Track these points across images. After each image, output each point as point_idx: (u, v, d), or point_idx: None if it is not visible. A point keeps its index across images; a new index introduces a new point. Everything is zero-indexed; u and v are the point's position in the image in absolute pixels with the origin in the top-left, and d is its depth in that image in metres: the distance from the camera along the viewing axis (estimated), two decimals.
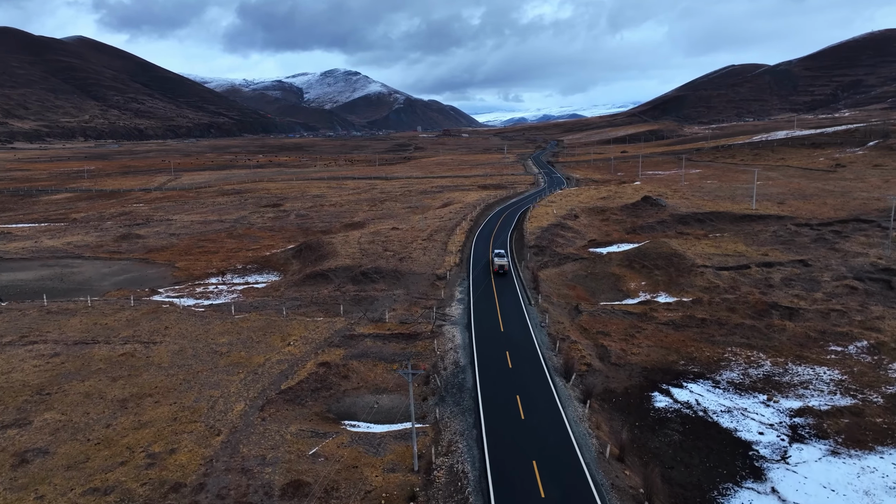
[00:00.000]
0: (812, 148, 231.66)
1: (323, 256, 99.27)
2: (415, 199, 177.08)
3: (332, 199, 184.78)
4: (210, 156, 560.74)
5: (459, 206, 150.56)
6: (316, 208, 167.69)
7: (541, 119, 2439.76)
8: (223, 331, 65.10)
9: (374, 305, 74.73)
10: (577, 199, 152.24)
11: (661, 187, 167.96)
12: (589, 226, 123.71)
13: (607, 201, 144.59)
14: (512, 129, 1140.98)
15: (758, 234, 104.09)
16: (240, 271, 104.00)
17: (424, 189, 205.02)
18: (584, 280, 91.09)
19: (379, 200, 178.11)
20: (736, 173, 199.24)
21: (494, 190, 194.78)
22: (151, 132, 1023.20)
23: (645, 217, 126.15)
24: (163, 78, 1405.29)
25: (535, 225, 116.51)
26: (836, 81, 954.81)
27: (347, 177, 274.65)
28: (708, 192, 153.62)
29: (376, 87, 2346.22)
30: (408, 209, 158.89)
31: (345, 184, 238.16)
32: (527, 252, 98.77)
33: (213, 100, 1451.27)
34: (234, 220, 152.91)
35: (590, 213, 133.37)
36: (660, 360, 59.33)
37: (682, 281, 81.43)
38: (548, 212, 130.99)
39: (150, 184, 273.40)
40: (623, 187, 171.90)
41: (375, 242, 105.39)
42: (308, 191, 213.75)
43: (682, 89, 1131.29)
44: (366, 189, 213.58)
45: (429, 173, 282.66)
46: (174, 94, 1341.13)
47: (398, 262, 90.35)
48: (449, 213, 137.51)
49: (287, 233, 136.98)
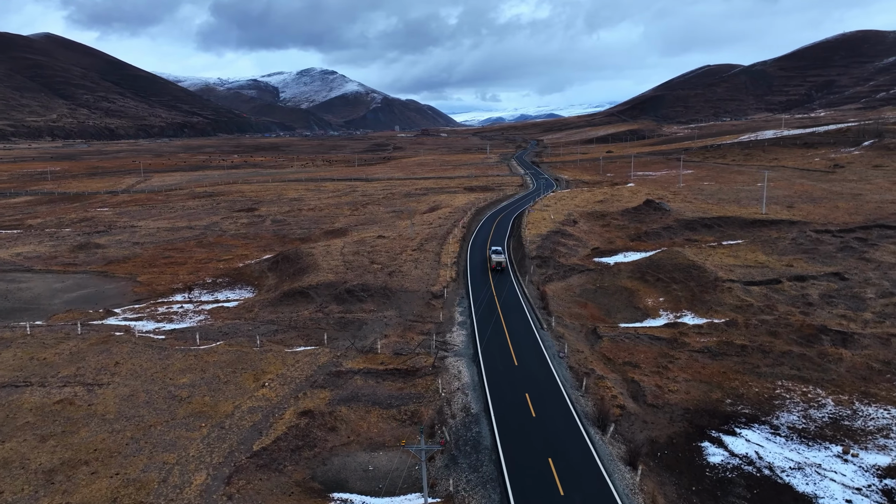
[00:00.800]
0: (805, 148, 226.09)
1: (302, 270, 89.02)
2: (399, 203, 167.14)
3: (310, 203, 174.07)
4: (183, 156, 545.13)
5: (448, 210, 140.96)
6: (294, 213, 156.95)
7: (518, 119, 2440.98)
8: (185, 367, 54.76)
9: (362, 331, 64.85)
10: (572, 202, 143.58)
11: (658, 189, 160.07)
12: (590, 232, 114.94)
13: (606, 205, 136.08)
14: (490, 129, 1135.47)
15: (776, 242, 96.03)
16: (209, 286, 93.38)
17: (408, 191, 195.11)
18: (593, 295, 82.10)
19: (361, 204, 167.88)
20: (731, 174, 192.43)
21: (482, 192, 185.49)
22: (122, 132, 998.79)
23: (649, 223, 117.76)
24: (134, 76, 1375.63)
25: (534, 232, 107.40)
26: (811, 82, 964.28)
27: (326, 178, 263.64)
28: (709, 194, 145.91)
29: (353, 87, 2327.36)
30: (392, 214, 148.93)
31: (324, 186, 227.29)
32: (529, 264, 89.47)
33: (186, 99, 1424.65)
34: (205, 226, 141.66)
35: (589, 218, 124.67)
36: (702, 398, 50.39)
37: (707, 298, 72.75)
38: (544, 217, 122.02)
39: (118, 186, 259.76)
40: (618, 190, 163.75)
41: (361, 253, 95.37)
42: (285, 193, 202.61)
43: (659, 89, 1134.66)
44: (346, 191, 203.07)
45: (411, 174, 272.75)
46: (146, 93, 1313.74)
47: (388, 278, 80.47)
48: (438, 219, 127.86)
49: (262, 241, 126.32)
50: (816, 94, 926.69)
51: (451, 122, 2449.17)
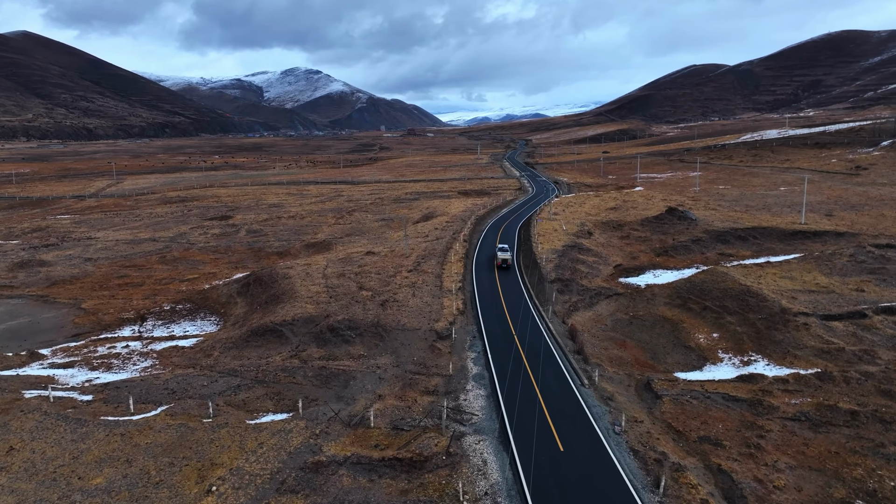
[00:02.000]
0: (817, 148, 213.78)
1: (276, 297, 73.96)
2: (389, 210, 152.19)
3: (291, 210, 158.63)
4: (162, 157, 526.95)
5: (444, 219, 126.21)
6: (272, 221, 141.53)
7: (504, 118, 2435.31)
8: (105, 455, 39.67)
9: (349, 389, 50.04)
10: (581, 209, 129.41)
11: (672, 194, 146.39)
12: (608, 245, 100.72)
13: (620, 213, 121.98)
14: (477, 129, 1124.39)
15: (832, 260, 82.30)
16: (166, 315, 78.18)
17: (398, 196, 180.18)
18: (629, 329, 67.87)
19: (347, 211, 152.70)
20: (744, 176, 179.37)
21: (478, 197, 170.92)
22: (101, 132, 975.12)
23: (674, 234, 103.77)
24: (114, 76, 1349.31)
25: (548, 247, 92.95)
26: (797, 81, 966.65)
27: (309, 181, 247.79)
28: (732, 200, 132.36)
29: (338, 86, 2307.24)
30: (382, 222, 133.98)
31: (306, 189, 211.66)
32: (549, 290, 74.93)
33: (168, 98, 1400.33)
34: (171, 237, 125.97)
35: (605, 228, 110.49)
36: (822, 499, 36.27)
37: (778, 337, 58.66)
38: (555, 228, 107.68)
39: (87, 189, 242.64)
40: (628, 195, 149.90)
41: (347, 275, 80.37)
42: (264, 198, 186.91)
43: (646, 89, 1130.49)
44: (330, 196, 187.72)
45: (399, 176, 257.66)
46: (127, 93, 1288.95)
47: (380, 310, 65.60)
48: (434, 230, 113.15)
49: (235, 255, 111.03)
50: (803, 94, 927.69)
51: (437, 121, 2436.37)
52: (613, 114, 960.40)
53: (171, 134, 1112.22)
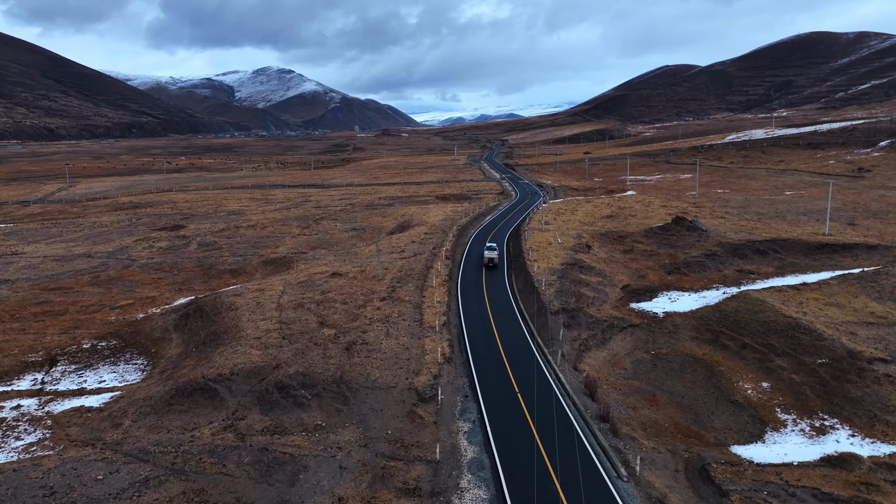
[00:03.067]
0: (810, 149, 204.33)
1: (217, 336, 59.59)
2: (361, 218, 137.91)
3: (252, 218, 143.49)
4: (125, 158, 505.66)
5: (423, 230, 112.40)
6: (229, 232, 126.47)
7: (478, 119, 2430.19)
8: None
9: (297, 487, 36.10)
10: (574, 217, 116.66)
11: (669, 199, 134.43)
12: (611, 261, 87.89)
13: (619, 222, 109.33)
14: (452, 129, 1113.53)
15: (877, 280, 70.29)
16: (83, 357, 63.41)
17: (371, 201, 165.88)
18: (655, 374, 54.95)
19: (313, 219, 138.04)
20: (740, 179, 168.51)
21: (458, 202, 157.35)
22: (64, 132, 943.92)
23: (684, 247, 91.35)
24: (79, 74, 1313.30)
25: (544, 266, 79.74)
26: (769, 82, 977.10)
27: (276, 184, 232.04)
28: (739, 207, 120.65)
29: (311, 86, 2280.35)
30: (352, 233, 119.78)
31: (272, 194, 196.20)
32: (552, 322, 61.58)
33: (135, 98, 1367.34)
34: (111, 252, 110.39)
35: (604, 240, 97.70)
36: None
37: (853, 392, 46.03)
38: (549, 241, 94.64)
39: (34, 194, 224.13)
40: (622, 200, 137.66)
41: (306, 305, 66.17)
42: (225, 204, 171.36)
43: (621, 89, 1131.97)
44: (297, 202, 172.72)
45: (373, 179, 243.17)
46: (92, 92, 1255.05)
47: (345, 358, 51.65)
48: (411, 243, 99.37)
49: (181, 274, 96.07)
50: (775, 94, 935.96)
51: (411, 121, 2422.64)
52: (589, 114, 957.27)
53: (138, 134, 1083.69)
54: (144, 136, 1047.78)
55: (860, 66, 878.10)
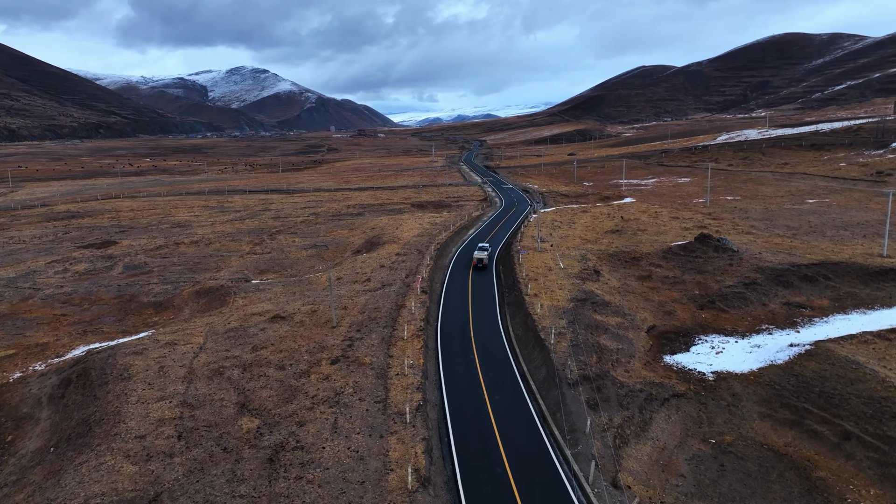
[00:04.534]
0: (814, 150, 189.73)
1: (88, 428, 40.94)
2: (323, 231, 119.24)
3: (198, 232, 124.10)
4: (86, 160, 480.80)
5: (395, 248, 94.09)
6: (167, 250, 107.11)
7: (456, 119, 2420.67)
8: None
9: None
10: (573, 232, 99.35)
11: (679, 208, 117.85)
12: (625, 291, 70.54)
13: (628, 239, 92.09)
14: (429, 129, 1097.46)
15: None
16: None
17: (338, 210, 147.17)
18: (723, 484, 37.45)
19: (269, 233, 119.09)
20: (746, 183, 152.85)
21: (436, 211, 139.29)
22: (26, 132, 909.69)
23: (714, 273, 74.37)
24: (43, 73, 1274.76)
25: (547, 303, 62.10)
26: (745, 82, 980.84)
27: (237, 189, 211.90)
28: (762, 219, 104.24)
29: (286, 86, 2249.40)
30: (311, 251, 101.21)
31: (230, 201, 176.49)
32: (571, 400, 43.83)
33: (103, 97, 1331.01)
34: (13, 278, 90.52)
35: (613, 263, 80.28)
36: None
37: None
38: (548, 264, 77.10)
39: None
40: (623, 209, 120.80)
41: (226, 372, 47.65)
42: (173, 214, 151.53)
43: (599, 89, 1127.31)
44: (255, 211, 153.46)
45: (343, 183, 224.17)
46: (57, 91, 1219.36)
47: (263, 485, 33.36)
48: (379, 268, 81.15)
49: (91, 309, 76.87)
50: (752, 95, 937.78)
51: (388, 122, 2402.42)
52: (567, 114, 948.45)
53: (105, 135, 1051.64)
54: (112, 137, 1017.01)
55: (835, 67, 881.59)
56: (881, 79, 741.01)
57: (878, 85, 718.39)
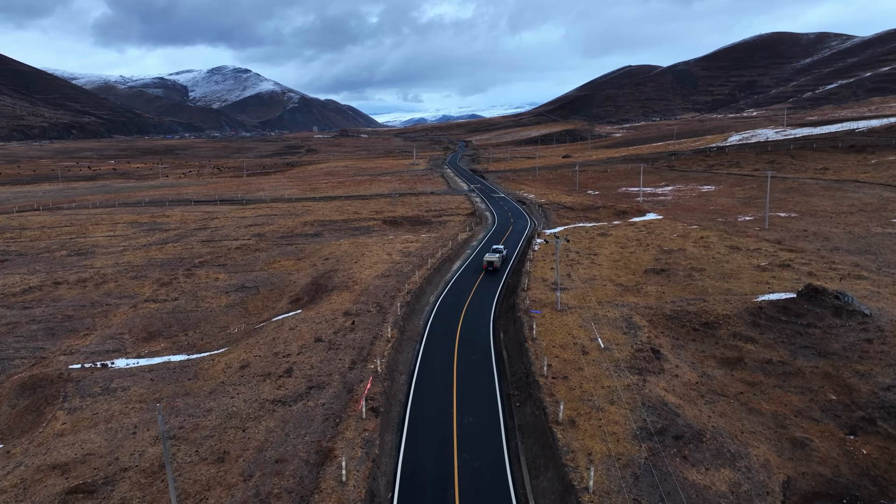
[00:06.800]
0: (854, 152, 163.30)
1: None
2: (262, 262, 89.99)
3: (98, 263, 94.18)
4: (45, 162, 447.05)
5: (345, 300, 64.75)
6: (39, 293, 77.33)
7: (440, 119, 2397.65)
8: None
9: None
10: (600, 272, 70.83)
11: (728, 231, 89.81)
12: (711, 393, 42.11)
13: (682, 285, 63.52)
14: (414, 129, 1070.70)
15: None
16: None
17: (291, 229, 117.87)
18: None
19: (189, 265, 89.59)
20: (789, 193, 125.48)
21: (413, 231, 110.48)
22: None
23: (848, 356, 46.20)
24: (13, 72, 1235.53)
25: (599, 449, 33.59)
26: (734, 82, 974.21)
27: (182, 200, 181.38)
28: (857, 250, 76.18)
29: (269, 86, 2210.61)
30: (233, 298, 72.10)
31: (166, 215, 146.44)
32: None
33: (77, 97, 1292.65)
34: None
35: (675, 331, 51.86)
36: None
37: None
38: (579, 342, 48.52)
39: None
40: (653, 232, 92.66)
41: None
42: (87, 234, 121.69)
43: (585, 89, 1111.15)
44: (190, 228, 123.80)
45: (309, 191, 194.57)
46: (29, 90, 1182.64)
47: None
48: (312, 345, 52.06)
49: None
50: (741, 94, 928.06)
51: (372, 122, 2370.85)
52: (554, 114, 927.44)
53: (77, 135, 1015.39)
54: (85, 138, 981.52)
55: (824, 66, 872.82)
56: (873, 78, 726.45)
57: (871, 84, 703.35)
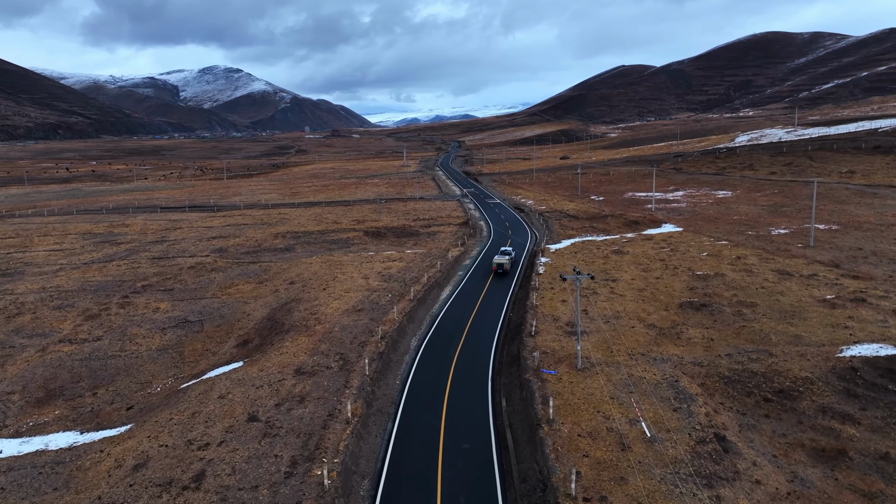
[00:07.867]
0: (880, 154, 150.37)
1: None
2: (216, 286, 75.72)
3: (22, 287, 79.58)
4: (23, 163, 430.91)
5: (302, 348, 50.52)
6: None
7: (433, 119, 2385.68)
8: None
9: None
10: (624, 306, 56.88)
11: (768, 251, 76.11)
12: None
13: (732, 329, 49.68)
14: (406, 130, 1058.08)
15: None
16: None
17: (259, 242, 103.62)
18: None
19: (128, 291, 75.17)
20: (822, 201, 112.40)
21: (397, 247, 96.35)
22: None
23: None
24: (0, 71, 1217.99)
25: None
26: (728, 81, 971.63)
27: (151, 206, 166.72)
28: None
29: (260, 86, 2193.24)
30: (168, 338, 57.87)
31: (126, 224, 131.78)
32: None
33: (65, 97, 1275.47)
34: None
35: (740, 404, 38.08)
36: None
37: None
38: (615, 428, 34.74)
39: None
40: (675, 248, 78.87)
41: None
42: (26, 248, 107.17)
43: (579, 88, 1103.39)
44: (146, 241, 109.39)
45: (288, 195, 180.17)
46: (15, 90, 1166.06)
47: None
48: (244, 426, 38.03)
49: None
50: (735, 94, 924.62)
51: (365, 122, 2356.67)
52: (548, 114, 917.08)
53: (63, 136, 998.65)
54: (72, 138, 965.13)
55: (819, 66, 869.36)
56: (870, 77, 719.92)
57: (867, 83, 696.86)
